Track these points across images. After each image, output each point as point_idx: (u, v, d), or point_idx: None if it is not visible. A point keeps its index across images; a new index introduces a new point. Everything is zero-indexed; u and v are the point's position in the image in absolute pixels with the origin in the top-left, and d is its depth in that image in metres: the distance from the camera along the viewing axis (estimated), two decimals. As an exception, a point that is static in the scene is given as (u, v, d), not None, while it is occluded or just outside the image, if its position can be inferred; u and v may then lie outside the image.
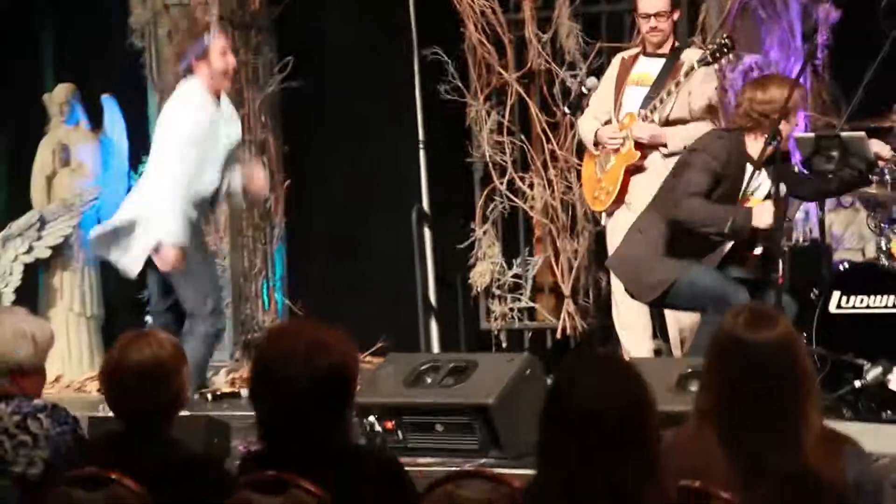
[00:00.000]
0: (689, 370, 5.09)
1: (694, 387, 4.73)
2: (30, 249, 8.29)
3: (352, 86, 8.23)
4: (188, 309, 6.12)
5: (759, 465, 2.88)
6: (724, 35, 6.34)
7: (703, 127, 6.21)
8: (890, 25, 6.38)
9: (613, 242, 6.33)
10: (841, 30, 7.08)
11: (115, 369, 3.42)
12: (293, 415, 2.94)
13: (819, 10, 7.17)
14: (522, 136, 7.77)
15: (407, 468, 3.15)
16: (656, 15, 6.32)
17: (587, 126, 6.54)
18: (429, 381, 5.41)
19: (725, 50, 6.16)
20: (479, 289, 7.81)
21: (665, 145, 6.26)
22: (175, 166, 6.09)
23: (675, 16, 6.42)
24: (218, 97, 6.29)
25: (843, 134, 6.14)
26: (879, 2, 6.48)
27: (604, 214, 6.60)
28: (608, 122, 6.46)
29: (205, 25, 7.74)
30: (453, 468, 4.90)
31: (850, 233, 7.04)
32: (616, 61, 6.57)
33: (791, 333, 2.98)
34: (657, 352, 6.68)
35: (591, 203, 6.58)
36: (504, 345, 7.80)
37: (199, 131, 6.16)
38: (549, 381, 5.62)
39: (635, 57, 6.48)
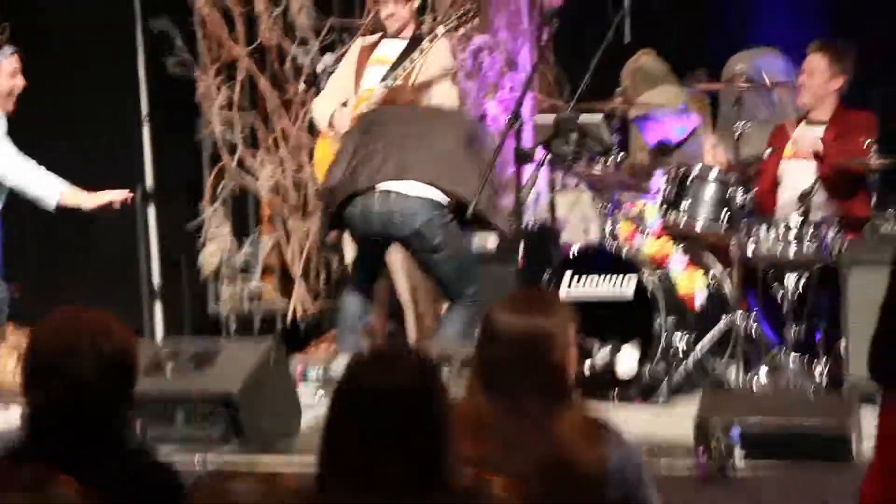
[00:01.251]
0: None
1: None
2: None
3: (69, 57, 7.85)
4: None
5: (511, 451, 2.89)
6: (471, 4, 6.34)
7: (447, 88, 6.20)
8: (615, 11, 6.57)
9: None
10: (564, 11, 7.08)
11: None
12: (72, 406, 2.77)
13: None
14: (254, 113, 7.59)
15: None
16: (394, 0, 6.25)
17: (322, 107, 6.41)
18: (169, 368, 5.18)
19: (466, 18, 6.18)
20: (207, 271, 7.65)
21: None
22: None
23: (415, 2, 6.34)
24: None
25: (581, 117, 6.26)
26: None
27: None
28: (345, 104, 6.34)
29: None
30: (195, 458, 4.82)
31: (574, 215, 7.12)
32: (355, 47, 6.46)
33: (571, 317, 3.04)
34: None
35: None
36: (233, 328, 7.67)
37: None
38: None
39: (376, 42, 6.40)
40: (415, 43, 6.24)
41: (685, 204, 6.06)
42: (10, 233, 7.83)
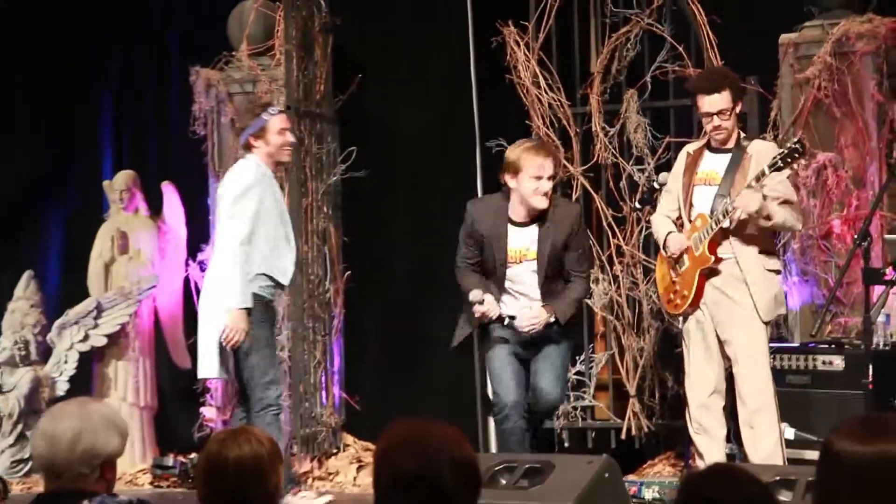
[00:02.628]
0: (777, 478, 4.92)
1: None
2: (85, 337, 8.19)
3: (414, 177, 8.21)
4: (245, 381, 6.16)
5: None
6: (795, 140, 6.15)
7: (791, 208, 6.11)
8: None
9: (690, 345, 6.22)
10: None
11: (213, 466, 3.29)
12: None
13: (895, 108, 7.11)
14: (587, 231, 7.63)
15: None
16: (719, 113, 6.19)
17: (659, 224, 6.42)
18: (503, 482, 5.23)
19: (797, 154, 5.95)
20: None
21: (769, 217, 6.09)
22: (232, 239, 6.17)
23: (738, 108, 6.28)
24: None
25: None
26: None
27: (679, 317, 6.45)
28: (679, 218, 6.32)
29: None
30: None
31: None
32: (682, 156, 6.45)
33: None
34: (730, 457, 6.49)
35: (667, 306, 6.42)
36: (566, 444, 7.63)
37: (261, 207, 6.14)
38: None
39: (700, 151, 6.35)
40: (739, 152, 6.15)
41: None
42: (352, 346, 8.15)
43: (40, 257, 8.86)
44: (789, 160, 5.94)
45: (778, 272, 6.28)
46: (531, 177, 6.18)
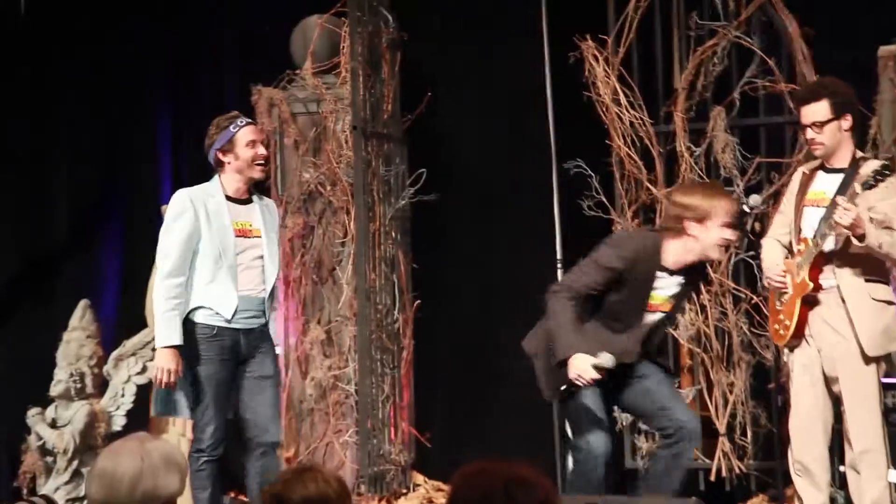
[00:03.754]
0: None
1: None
2: (143, 369, 7.88)
3: (486, 200, 7.93)
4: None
5: None
6: (886, 159, 5.78)
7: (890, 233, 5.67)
8: None
9: (795, 379, 5.80)
10: None
11: None
12: None
13: None
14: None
15: None
16: (812, 125, 5.76)
17: (766, 249, 5.99)
18: (594, 532, 4.83)
19: (887, 173, 5.54)
20: (623, 423, 7.29)
21: (863, 237, 5.61)
22: (158, 275, 5.92)
23: (844, 125, 5.80)
24: (248, 192, 5.99)
25: None
26: None
27: (785, 349, 6.01)
28: (790, 244, 5.89)
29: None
30: None
31: None
32: (797, 175, 6.02)
33: None
34: (832, 500, 6.07)
35: (773, 336, 6.01)
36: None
37: (191, 237, 5.88)
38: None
39: (815, 171, 5.92)
40: (852, 172, 5.71)
41: None
42: (422, 379, 7.84)
43: (96, 286, 8.61)
44: (879, 178, 5.54)
45: (890, 303, 5.80)
46: (722, 225, 5.70)
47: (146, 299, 8.04)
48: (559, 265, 7.62)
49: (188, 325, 5.86)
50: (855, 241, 5.61)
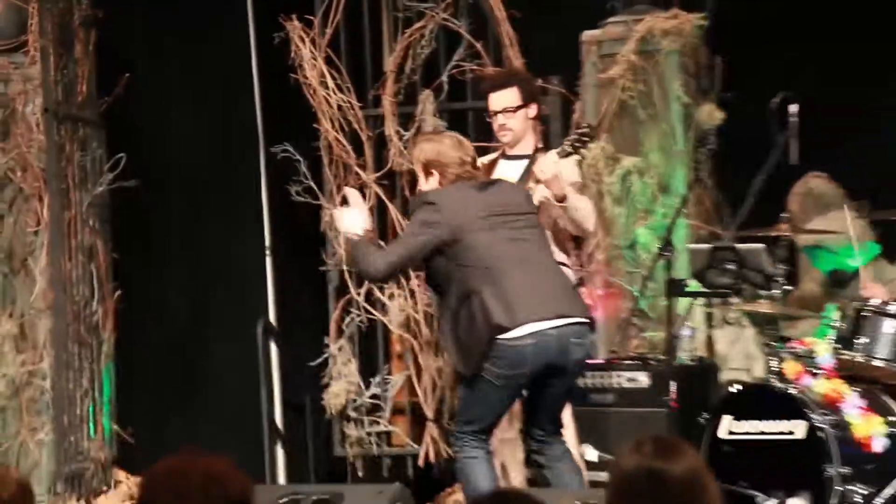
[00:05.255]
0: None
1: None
2: None
3: (192, 187, 7.74)
4: None
5: None
6: (585, 124, 5.91)
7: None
8: (779, 128, 6.20)
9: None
10: (722, 131, 6.85)
11: None
12: None
13: (701, 111, 6.89)
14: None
15: None
16: (503, 111, 5.82)
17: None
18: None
19: (586, 139, 5.67)
20: (332, 411, 7.27)
21: (565, 198, 5.55)
22: None
23: (531, 112, 5.86)
24: None
25: (740, 246, 5.89)
26: (766, 104, 6.24)
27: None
28: None
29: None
30: None
31: (737, 351, 6.73)
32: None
33: (700, 463, 2.85)
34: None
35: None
36: (360, 473, 7.31)
37: None
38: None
39: (494, 161, 5.94)
40: (534, 160, 5.75)
41: (861, 341, 5.81)
42: (124, 373, 7.64)
43: None
44: (578, 145, 5.65)
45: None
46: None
47: None
48: (267, 252, 7.59)
49: None
50: (554, 202, 5.59)
